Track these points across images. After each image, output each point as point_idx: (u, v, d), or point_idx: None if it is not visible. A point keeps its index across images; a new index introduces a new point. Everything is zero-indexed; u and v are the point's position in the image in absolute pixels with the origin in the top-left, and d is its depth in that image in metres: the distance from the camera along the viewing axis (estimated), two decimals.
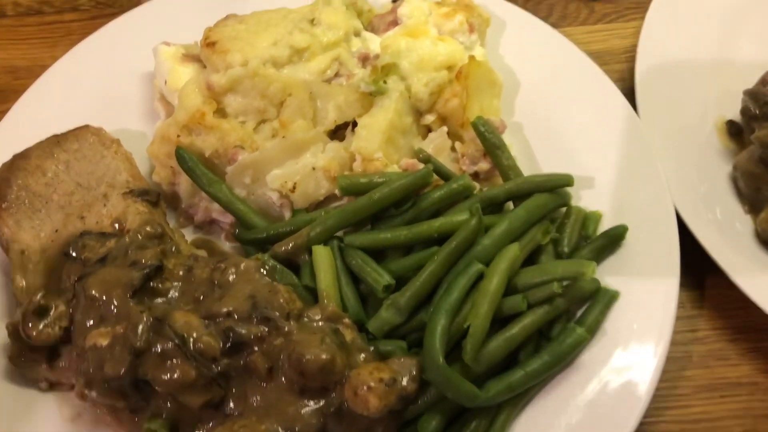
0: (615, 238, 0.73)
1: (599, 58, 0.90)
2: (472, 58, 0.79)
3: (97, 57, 0.88)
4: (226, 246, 0.78)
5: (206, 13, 0.84)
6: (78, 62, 0.88)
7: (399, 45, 0.80)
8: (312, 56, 0.79)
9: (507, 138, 0.80)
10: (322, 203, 0.78)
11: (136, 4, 0.95)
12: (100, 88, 0.86)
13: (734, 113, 0.82)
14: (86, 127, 0.80)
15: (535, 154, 0.81)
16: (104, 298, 0.65)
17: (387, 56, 0.79)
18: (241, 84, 0.76)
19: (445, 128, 0.80)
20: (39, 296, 0.67)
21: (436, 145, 0.79)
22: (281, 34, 0.78)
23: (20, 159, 0.77)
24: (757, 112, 0.76)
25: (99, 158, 0.79)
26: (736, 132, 0.81)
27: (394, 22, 0.84)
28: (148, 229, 0.72)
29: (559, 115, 0.82)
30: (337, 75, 0.80)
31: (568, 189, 0.75)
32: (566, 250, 0.72)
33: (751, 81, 0.82)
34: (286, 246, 0.72)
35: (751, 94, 0.78)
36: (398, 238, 0.71)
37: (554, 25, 0.93)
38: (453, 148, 0.80)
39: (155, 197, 0.76)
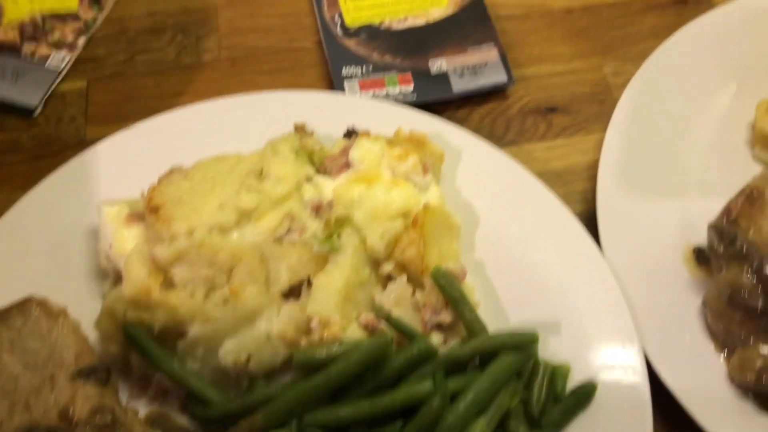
0: (584, 397, 0.70)
1: (560, 177, 0.88)
2: (426, 205, 0.77)
3: (41, 211, 0.84)
4: (182, 420, 0.75)
5: (153, 159, 0.81)
6: (22, 217, 0.84)
7: (352, 194, 0.77)
8: (261, 215, 0.75)
9: (470, 278, 0.78)
10: (280, 368, 0.75)
11: (79, 142, 0.91)
12: (45, 245, 0.83)
13: (700, 238, 0.80)
14: (30, 299, 0.76)
15: (499, 295, 0.79)
16: None
17: (340, 207, 0.77)
18: (187, 255, 0.72)
19: (404, 277, 0.77)
20: None
21: (397, 295, 0.76)
22: (228, 194, 0.75)
23: None
24: (722, 250, 0.74)
25: (45, 333, 0.75)
26: (704, 260, 0.79)
27: (347, 165, 0.81)
28: (97, 418, 0.68)
29: (520, 251, 0.79)
30: (288, 231, 0.77)
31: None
32: (536, 412, 0.70)
33: (716, 202, 0.79)
34: (243, 428, 0.69)
35: (716, 229, 0.75)
36: (359, 413, 0.68)
37: (513, 142, 0.91)
38: (413, 295, 0.77)
39: (105, 375, 0.72)
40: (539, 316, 0.76)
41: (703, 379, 0.73)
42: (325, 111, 0.88)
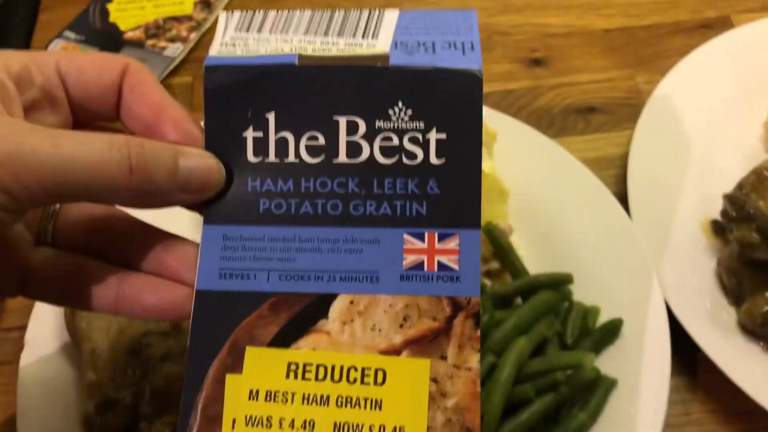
0: (612, 331, 0.82)
1: (596, 164, 1.01)
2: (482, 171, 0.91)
3: None
4: None
5: None
6: None
7: None
8: None
9: (514, 239, 0.91)
10: None
11: None
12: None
13: (718, 213, 0.92)
14: None
15: (540, 254, 0.91)
16: (167, 391, 0.76)
17: None
18: None
19: None
20: (109, 390, 0.78)
21: None
22: None
23: None
24: (734, 214, 0.86)
25: None
26: (719, 230, 0.91)
27: None
28: None
29: (559, 218, 0.93)
30: None
31: (570, 286, 0.85)
32: (569, 342, 0.82)
33: (730, 184, 0.92)
34: None
35: (729, 198, 0.88)
36: None
37: (555, 136, 1.05)
38: None
39: None
40: (575, 271, 0.87)
41: (717, 327, 0.85)
42: None
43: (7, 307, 0.96)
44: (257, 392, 0.50)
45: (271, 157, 0.53)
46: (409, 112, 0.52)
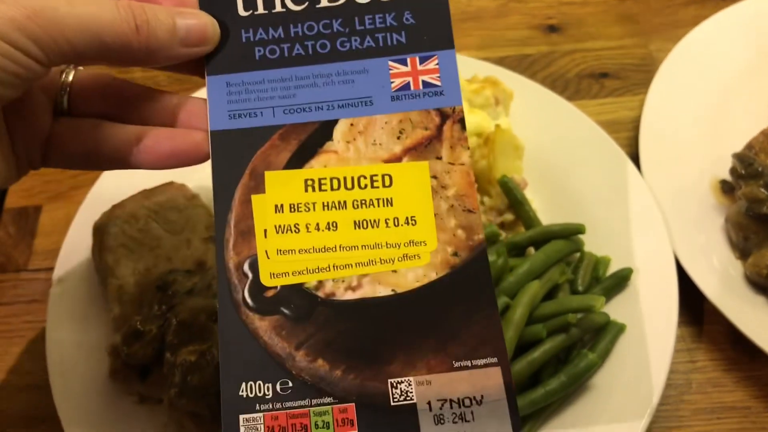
0: (622, 279, 0.85)
1: (609, 126, 1.03)
2: (497, 126, 0.94)
3: None
4: None
5: None
6: None
7: None
8: None
9: (528, 193, 0.94)
10: None
11: None
12: None
13: (726, 174, 0.95)
14: (171, 183, 0.95)
15: (552, 208, 0.94)
16: (192, 322, 0.79)
17: None
18: None
19: (475, 184, 0.93)
20: (136, 322, 0.81)
21: None
22: None
23: (117, 208, 0.91)
24: (743, 171, 0.89)
25: (182, 209, 0.93)
26: (728, 189, 0.94)
27: None
28: None
29: (572, 174, 0.95)
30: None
31: (581, 236, 0.88)
32: (580, 288, 0.85)
33: (739, 146, 0.94)
34: None
35: (738, 157, 0.90)
36: None
37: (569, 99, 1.07)
38: (482, 202, 0.94)
39: None
40: (586, 224, 0.90)
41: (724, 279, 0.87)
42: None
43: (34, 250, 0.99)
44: (281, 206, 0.56)
45: (260, 9, 0.60)
46: None
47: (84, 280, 0.90)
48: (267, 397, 0.52)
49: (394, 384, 0.52)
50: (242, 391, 0.53)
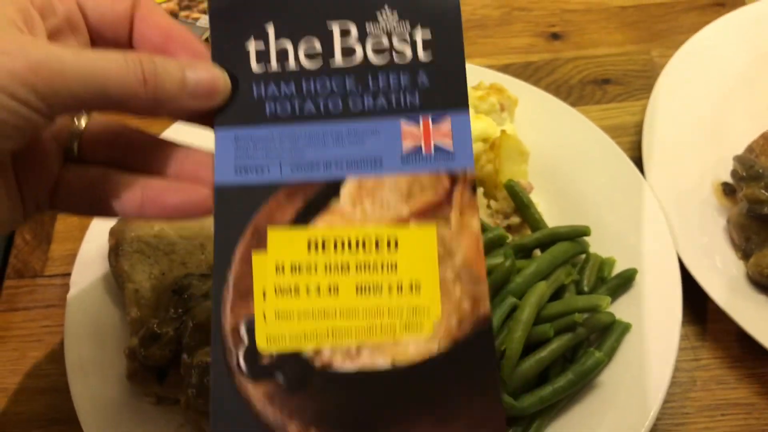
0: (627, 280, 0.87)
1: (612, 131, 1.05)
2: (503, 131, 0.96)
3: None
4: None
5: None
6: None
7: None
8: None
9: (534, 197, 0.96)
10: None
11: None
12: None
13: (728, 176, 0.96)
14: None
15: (557, 211, 0.96)
16: (208, 324, 0.81)
17: None
18: None
19: (481, 189, 0.96)
20: (153, 324, 0.83)
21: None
22: None
23: None
24: (744, 174, 0.91)
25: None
26: (730, 192, 0.96)
27: None
28: None
29: (577, 178, 0.97)
30: None
31: (587, 238, 0.90)
32: (586, 289, 0.86)
33: (740, 149, 0.97)
34: None
35: (739, 159, 0.92)
36: None
37: (573, 104, 1.10)
38: (488, 206, 0.96)
39: None
40: (591, 227, 0.92)
41: (726, 279, 0.89)
42: None
43: (50, 257, 1.01)
44: (283, 266, 0.54)
45: (273, 64, 0.59)
46: (396, 13, 0.59)
47: (100, 285, 0.92)
48: None
49: None
50: None
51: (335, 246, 0.55)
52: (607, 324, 0.83)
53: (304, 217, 0.56)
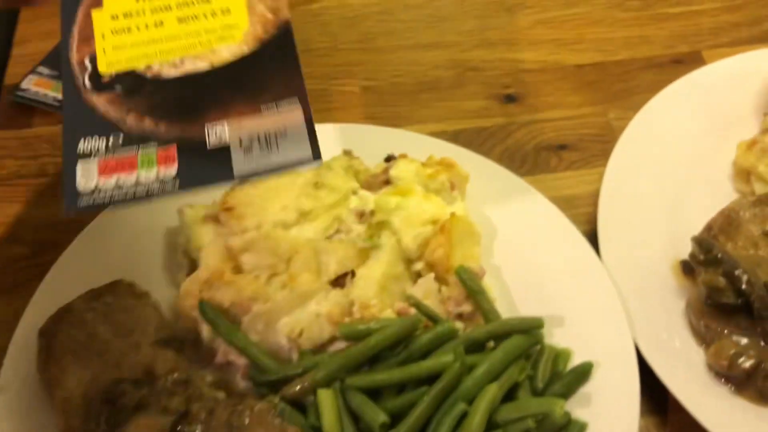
0: (582, 374, 0.83)
1: (568, 202, 1.02)
2: (453, 214, 0.92)
3: (128, 214, 1.00)
4: (242, 384, 0.88)
5: None
6: (110, 222, 1.00)
7: (390, 204, 0.92)
8: (316, 216, 0.91)
9: (487, 279, 0.92)
10: (326, 344, 0.89)
11: None
12: (131, 244, 0.99)
13: (686, 253, 0.93)
14: (120, 281, 0.92)
15: (512, 295, 0.93)
16: None
17: (380, 214, 0.92)
18: (254, 245, 0.88)
19: (432, 274, 0.91)
20: None
21: (425, 289, 0.90)
22: (289, 198, 0.91)
23: (65, 312, 0.88)
24: (702, 258, 0.87)
25: (131, 309, 0.90)
26: (689, 270, 0.92)
27: (386, 181, 0.97)
28: (175, 375, 0.83)
29: (531, 260, 0.94)
30: (337, 231, 0.92)
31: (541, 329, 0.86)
32: (540, 385, 0.83)
33: (700, 222, 0.93)
34: (294, 388, 0.82)
35: (698, 241, 0.89)
36: (392, 378, 0.81)
37: (528, 173, 1.06)
38: (440, 291, 0.92)
39: (180, 344, 0.87)
40: (546, 313, 0.88)
41: (685, 368, 0.86)
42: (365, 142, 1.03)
43: None
44: (117, 15, 0.71)
45: None
46: None
47: (28, 389, 0.87)
48: (100, 149, 0.67)
49: (210, 128, 0.67)
50: (80, 148, 0.67)
51: None
52: (562, 425, 0.79)
53: None
